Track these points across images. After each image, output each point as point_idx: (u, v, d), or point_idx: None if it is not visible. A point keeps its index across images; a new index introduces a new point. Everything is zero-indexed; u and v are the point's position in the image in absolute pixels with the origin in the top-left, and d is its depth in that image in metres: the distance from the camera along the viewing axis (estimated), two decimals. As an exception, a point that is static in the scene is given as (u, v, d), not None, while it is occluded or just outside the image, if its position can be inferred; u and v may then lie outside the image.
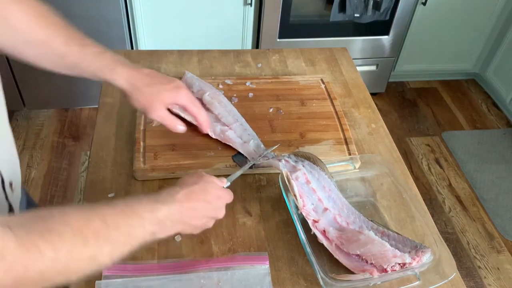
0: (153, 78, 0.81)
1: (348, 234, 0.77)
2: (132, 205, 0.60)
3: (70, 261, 0.50)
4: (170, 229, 0.64)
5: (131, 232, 0.57)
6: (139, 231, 0.59)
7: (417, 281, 0.72)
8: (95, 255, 0.53)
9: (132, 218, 0.58)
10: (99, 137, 0.97)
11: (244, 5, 2.10)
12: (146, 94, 0.79)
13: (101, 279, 0.71)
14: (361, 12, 2.17)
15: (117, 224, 0.56)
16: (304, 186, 0.79)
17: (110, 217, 0.55)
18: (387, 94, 2.70)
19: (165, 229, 0.63)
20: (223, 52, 1.26)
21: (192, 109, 0.85)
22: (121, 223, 0.56)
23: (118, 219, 0.56)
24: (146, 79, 0.80)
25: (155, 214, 0.61)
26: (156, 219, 0.61)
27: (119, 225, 0.56)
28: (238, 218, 0.84)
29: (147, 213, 0.60)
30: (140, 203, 0.61)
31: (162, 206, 0.62)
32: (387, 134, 1.05)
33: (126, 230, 0.57)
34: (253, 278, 0.74)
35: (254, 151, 0.91)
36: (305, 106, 1.08)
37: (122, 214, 0.57)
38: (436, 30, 2.47)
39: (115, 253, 0.56)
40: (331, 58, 1.28)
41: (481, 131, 2.51)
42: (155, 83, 0.80)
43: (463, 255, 1.91)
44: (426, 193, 2.15)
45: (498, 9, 2.44)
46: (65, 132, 2.26)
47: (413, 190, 0.91)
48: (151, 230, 0.60)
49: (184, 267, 0.74)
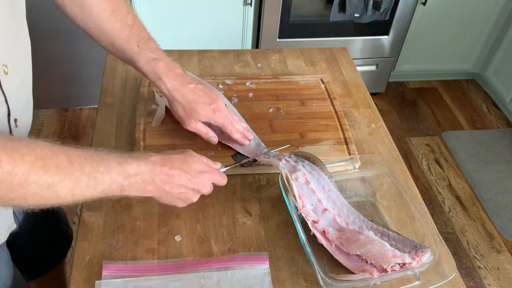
0: (196, 95, 0.85)
1: (348, 234, 0.77)
2: (101, 153, 0.62)
3: (26, 182, 0.53)
4: (142, 188, 0.66)
5: (96, 176, 0.59)
6: (105, 178, 0.61)
7: (417, 281, 0.72)
8: (53, 185, 0.55)
9: (99, 164, 0.60)
10: (99, 137, 0.97)
11: (244, 5, 2.10)
12: (185, 109, 0.85)
13: (101, 279, 0.72)
14: (361, 12, 2.17)
15: (82, 165, 0.58)
16: (303, 187, 0.79)
17: (76, 158, 0.58)
18: (387, 94, 2.70)
19: (135, 186, 0.65)
20: (223, 52, 1.26)
21: (226, 129, 0.88)
22: (86, 165, 0.59)
23: (84, 161, 0.58)
24: (188, 95, 0.85)
25: (123, 167, 0.63)
26: (124, 172, 0.63)
27: (84, 166, 0.58)
28: (238, 218, 0.84)
29: (115, 163, 0.62)
30: (111, 154, 0.63)
31: (132, 161, 0.64)
32: (387, 134, 1.05)
33: (90, 173, 0.59)
34: (253, 278, 0.74)
35: (255, 150, 0.91)
36: (305, 106, 1.08)
37: (89, 158, 0.59)
38: (436, 30, 2.47)
39: (76, 191, 0.58)
40: (331, 58, 1.28)
41: (481, 131, 2.51)
42: (196, 101, 0.85)
43: (463, 255, 1.91)
44: (426, 193, 2.15)
45: (498, 9, 2.44)
46: (65, 132, 2.26)
47: (413, 190, 0.91)
48: (118, 182, 0.62)
49: (184, 267, 0.74)
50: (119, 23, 0.83)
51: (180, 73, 0.86)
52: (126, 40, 0.84)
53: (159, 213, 0.83)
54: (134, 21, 0.85)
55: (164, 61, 0.85)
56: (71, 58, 2.18)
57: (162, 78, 0.84)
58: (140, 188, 0.66)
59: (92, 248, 0.77)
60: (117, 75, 1.14)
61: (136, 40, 0.84)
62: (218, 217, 0.84)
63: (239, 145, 0.92)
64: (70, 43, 2.10)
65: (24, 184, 0.53)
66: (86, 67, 2.22)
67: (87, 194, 0.60)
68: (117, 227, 0.80)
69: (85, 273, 0.73)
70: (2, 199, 0.54)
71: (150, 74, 0.85)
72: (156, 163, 0.67)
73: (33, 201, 0.56)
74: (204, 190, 0.74)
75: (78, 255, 0.76)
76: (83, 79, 2.27)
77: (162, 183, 0.68)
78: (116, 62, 1.18)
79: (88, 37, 0.85)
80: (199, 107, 0.85)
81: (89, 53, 2.15)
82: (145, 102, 1.03)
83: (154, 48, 0.85)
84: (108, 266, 0.73)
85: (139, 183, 0.65)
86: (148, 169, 0.66)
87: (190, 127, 0.87)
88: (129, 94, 1.08)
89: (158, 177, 0.67)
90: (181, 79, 0.85)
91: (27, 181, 0.53)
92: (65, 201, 0.59)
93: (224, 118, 0.87)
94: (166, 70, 0.84)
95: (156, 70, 0.84)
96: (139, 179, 0.65)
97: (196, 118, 0.86)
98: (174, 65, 0.86)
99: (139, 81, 1.10)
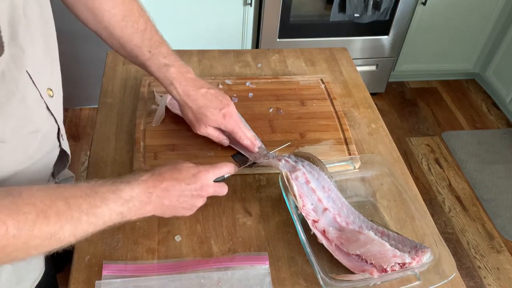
0: (207, 100, 0.85)
1: (348, 234, 0.77)
2: (95, 187, 0.62)
3: (31, 238, 0.53)
4: (141, 210, 0.66)
5: (95, 212, 0.59)
6: (104, 210, 0.60)
7: (417, 281, 0.72)
8: (56, 233, 0.55)
9: (95, 199, 0.60)
10: (99, 137, 0.97)
11: (244, 5, 2.10)
12: (195, 114, 0.86)
13: (101, 279, 0.72)
14: (361, 12, 2.17)
15: (79, 205, 0.58)
16: (303, 186, 0.79)
17: (73, 199, 0.58)
18: (387, 94, 2.70)
19: (134, 210, 0.64)
20: (223, 52, 1.26)
21: (236, 135, 0.88)
22: (84, 203, 0.59)
23: (80, 200, 0.59)
24: (199, 100, 0.85)
25: (117, 195, 0.62)
26: (120, 199, 0.62)
27: (81, 206, 0.58)
28: (238, 218, 0.84)
29: (109, 193, 0.62)
30: (104, 185, 0.63)
31: (124, 186, 0.64)
32: (387, 134, 1.05)
33: (89, 210, 0.59)
34: (253, 278, 0.74)
35: (256, 151, 0.91)
36: (305, 106, 1.08)
37: (85, 196, 0.59)
38: (436, 30, 2.47)
39: (78, 232, 0.58)
40: (331, 58, 1.28)
41: (481, 131, 2.51)
42: (207, 106, 0.85)
43: (463, 255, 1.91)
44: (426, 193, 2.15)
45: (498, 9, 2.44)
46: (65, 132, 2.26)
47: (413, 190, 0.91)
48: (117, 211, 0.62)
49: (184, 267, 0.74)
50: (130, 29, 0.83)
51: (192, 77, 0.86)
52: (137, 45, 0.84)
53: (159, 213, 0.83)
54: (146, 25, 0.85)
55: (175, 66, 0.85)
56: (71, 58, 2.18)
57: (173, 83, 0.84)
58: (139, 210, 0.65)
59: (92, 248, 0.77)
60: (117, 75, 1.14)
61: (148, 46, 0.84)
62: (218, 217, 0.84)
63: (240, 145, 0.92)
64: (70, 43, 2.10)
65: (29, 241, 0.53)
66: (86, 67, 2.22)
67: (89, 231, 0.60)
68: (117, 227, 0.80)
69: (85, 273, 0.73)
70: (7, 259, 0.54)
71: (162, 79, 0.85)
72: (148, 181, 0.66)
73: (36, 252, 0.56)
74: (206, 192, 0.73)
75: (78, 255, 0.76)
76: (83, 79, 2.27)
77: (160, 199, 0.67)
78: (116, 62, 1.18)
79: (88, 37, 0.86)
80: (209, 112, 0.85)
81: (89, 53, 2.15)
82: (145, 102, 1.03)
83: (166, 53, 0.85)
84: (108, 266, 0.73)
85: (137, 206, 0.65)
86: (141, 190, 0.65)
87: (200, 132, 0.87)
88: (129, 94, 1.08)
89: (153, 195, 0.66)
90: (192, 84, 0.85)
91: (31, 237, 0.53)
92: (68, 243, 0.59)
93: (234, 124, 0.87)
94: (178, 75, 0.84)
95: (167, 76, 0.84)
96: (136, 202, 0.64)
97: (206, 123, 0.86)
98: (186, 69, 0.86)
99: (139, 81, 1.10)
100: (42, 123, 0.67)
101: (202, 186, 0.72)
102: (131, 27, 0.83)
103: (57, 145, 0.73)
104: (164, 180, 0.68)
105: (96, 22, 0.82)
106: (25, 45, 0.58)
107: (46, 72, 0.67)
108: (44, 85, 0.65)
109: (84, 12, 0.81)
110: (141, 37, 0.84)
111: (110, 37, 0.84)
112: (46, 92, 0.65)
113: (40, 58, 0.64)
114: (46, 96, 0.66)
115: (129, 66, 1.16)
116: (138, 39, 0.84)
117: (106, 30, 0.83)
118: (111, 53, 1.20)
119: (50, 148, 0.72)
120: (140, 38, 0.84)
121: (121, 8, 0.82)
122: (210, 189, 0.73)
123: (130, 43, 0.84)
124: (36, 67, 0.62)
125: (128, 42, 0.83)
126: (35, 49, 0.62)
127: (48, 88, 0.66)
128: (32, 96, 0.62)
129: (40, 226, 0.53)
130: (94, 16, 0.81)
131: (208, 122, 0.86)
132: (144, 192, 0.65)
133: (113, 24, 0.82)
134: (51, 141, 0.72)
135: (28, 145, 0.64)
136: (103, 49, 1.08)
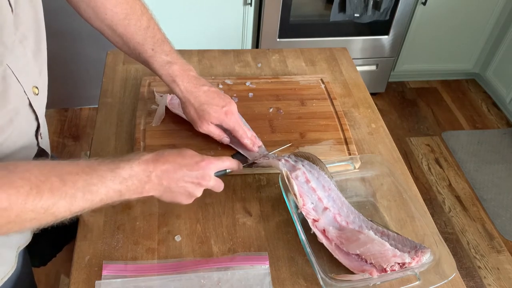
0: (208, 97, 0.86)
1: (348, 234, 0.77)
2: (93, 165, 0.62)
3: (23, 212, 0.54)
4: (140, 189, 0.66)
5: (91, 189, 0.60)
6: (100, 188, 0.61)
7: (417, 281, 0.72)
8: (49, 208, 0.56)
9: (92, 176, 0.60)
10: (99, 137, 0.97)
11: (244, 5, 2.10)
12: (197, 111, 0.86)
13: (101, 279, 0.72)
14: (361, 12, 2.17)
15: (75, 182, 0.59)
16: (303, 185, 0.79)
17: (68, 176, 0.58)
18: (387, 94, 2.70)
19: (132, 188, 0.64)
20: (223, 52, 1.26)
21: (237, 134, 0.88)
22: (79, 180, 0.59)
23: (76, 177, 0.59)
24: (201, 98, 0.85)
25: (116, 173, 0.63)
26: (119, 177, 0.63)
27: (76, 182, 0.59)
28: (238, 218, 0.84)
29: (107, 172, 0.62)
30: (103, 162, 0.63)
31: (124, 165, 0.64)
32: (387, 134, 1.05)
33: (85, 187, 0.59)
34: (253, 278, 0.74)
35: (256, 151, 0.91)
36: (305, 106, 1.08)
37: (82, 173, 0.60)
38: (436, 30, 2.47)
39: (73, 208, 0.59)
40: (331, 58, 1.28)
41: (481, 131, 2.51)
42: (209, 103, 0.85)
43: (463, 255, 1.91)
44: (426, 193, 2.15)
45: (498, 9, 2.44)
46: (65, 132, 2.26)
47: (413, 190, 0.91)
48: (115, 188, 0.62)
49: (184, 267, 0.74)
50: (133, 27, 0.84)
51: (194, 75, 0.87)
52: (140, 43, 0.85)
53: (159, 213, 0.83)
54: (149, 23, 0.86)
55: (178, 63, 0.86)
56: (71, 58, 2.18)
57: (176, 80, 0.85)
58: (138, 189, 0.65)
59: (92, 248, 0.77)
60: (117, 75, 1.14)
61: (151, 43, 0.85)
62: (218, 217, 0.84)
63: (240, 145, 0.92)
64: (70, 43, 2.10)
65: (21, 214, 0.54)
66: (86, 67, 2.22)
67: (85, 207, 0.60)
68: (117, 227, 0.80)
69: (85, 273, 0.73)
70: (1, 230, 0.55)
71: (164, 76, 0.86)
72: (149, 161, 0.67)
73: (31, 225, 0.57)
74: (206, 181, 0.72)
75: (78, 255, 0.76)
76: (83, 79, 2.27)
77: (159, 179, 0.67)
78: (116, 62, 1.18)
79: (88, 37, 0.86)
80: (211, 109, 0.85)
81: (89, 53, 2.15)
82: (145, 102, 1.03)
83: (168, 50, 0.86)
84: (108, 266, 0.73)
85: (136, 185, 0.65)
86: (141, 169, 0.65)
87: (202, 129, 0.88)
88: (129, 94, 1.08)
89: (153, 174, 0.66)
90: (195, 82, 0.86)
91: (24, 211, 0.54)
92: (64, 218, 0.59)
93: (235, 122, 0.87)
94: (180, 72, 0.85)
95: (170, 73, 0.85)
96: (135, 181, 0.64)
97: (208, 120, 0.86)
98: (188, 67, 0.87)
99: (139, 81, 1.10)
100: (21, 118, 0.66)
101: (203, 175, 0.71)
102: (134, 25, 0.84)
103: (34, 143, 0.72)
104: (166, 162, 0.68)
105: (99, 20, 0.83)
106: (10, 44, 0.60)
107: (33, 71, 0.68)
108: (29, 83, 0.66)
109: (87, 10, 0.82)
110: (144, 35, 0.85)
111: (113, 35, 0.85)
112: (31, 89, 0.66)
113: (29, 58, 0.66)
114: (31, 93, 0.66)
115: (129, 66, 1.16)
116: (141, 36, 0.85)
117: (109, 28, 0.84)
118: (111, 53, 1.20)
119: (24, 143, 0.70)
120: (142, 36, 0.85)
121: (123, 7, 0.83)
122: (211, 181, 0.73)
123: (133, 41, 0.85)
124: (23, 66, 0.63)
125: (131, 40, 0.85)
126: (26, 49, 0.64)
127: (34, 86, 0.67)
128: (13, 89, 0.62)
129: (34, 200, 0.54)
130: (96, 15, 0.82)
131: (210, 119, 0.86)
132: (144, 170, 0.66)
133: (116, 22, 0.83)
134: (28, 137, 0.71)
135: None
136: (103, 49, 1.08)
